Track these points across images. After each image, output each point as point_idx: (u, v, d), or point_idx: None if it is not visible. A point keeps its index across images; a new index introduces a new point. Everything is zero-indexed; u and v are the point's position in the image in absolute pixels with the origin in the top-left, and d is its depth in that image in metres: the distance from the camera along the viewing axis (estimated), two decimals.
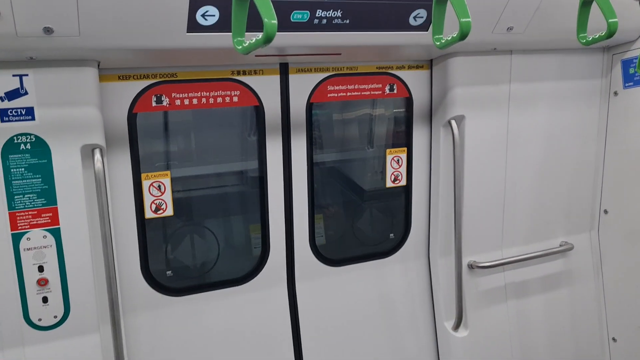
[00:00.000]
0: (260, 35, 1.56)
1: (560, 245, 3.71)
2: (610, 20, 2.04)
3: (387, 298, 3.47)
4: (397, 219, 3.54)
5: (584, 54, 3.44)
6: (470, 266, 3.45)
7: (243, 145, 3.32)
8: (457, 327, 3.39)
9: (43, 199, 2.43)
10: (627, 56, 3.43)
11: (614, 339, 3.83)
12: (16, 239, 2.42)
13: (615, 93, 3.52)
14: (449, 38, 1.92)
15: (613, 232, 3.72)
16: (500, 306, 3.59)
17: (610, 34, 2.08)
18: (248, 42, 1.65)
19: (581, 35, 2.20)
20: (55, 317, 2.55)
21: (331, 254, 3.33)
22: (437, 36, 1.98)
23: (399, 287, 3.52)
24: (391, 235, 3.55)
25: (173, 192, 2.87)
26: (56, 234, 2.48)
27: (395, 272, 3.51)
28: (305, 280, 3.28)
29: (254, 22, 1.73)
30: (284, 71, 2.98)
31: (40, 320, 2.53)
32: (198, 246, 3.27)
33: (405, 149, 3.39)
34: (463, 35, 1.82)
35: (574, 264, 3.79)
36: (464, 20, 1.79)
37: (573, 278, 3.80)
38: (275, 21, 1.51)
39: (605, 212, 3.73)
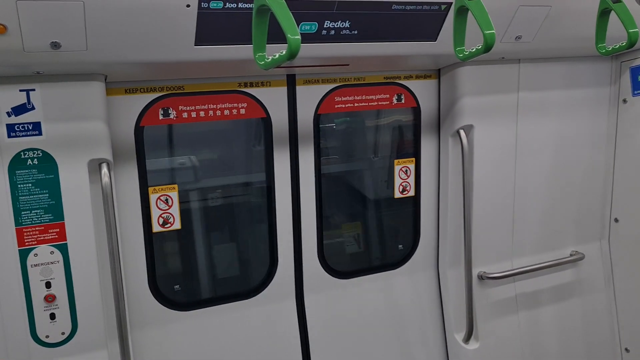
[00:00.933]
0: (284, 51, 1.52)
1: (571, 255, 3.67)
2: (630, 30, 2.00)
3: (396, 310, 3.43)
4: (406, 230, 3.51)
5: (593, 62, 3.42)
6: (481, 277, 3.41)
7: (250, 157, 3.30)
8: (467, 339, 3.35)
9: (50, 215, 2.41)
10: (635, 64, 3.40)
11: (626, 350, 3.78)
12: (23, 255, 2.39)
13: (625, 101, 3.49)
14: (473, 50, 1.88)
15: (624, 240, 3.68)
16: (511, 317, 3.54)
17: (631, 44, 2.05)
18: (271, 57, 1.61)
19: (600, 45, 2.16)
20: (63, 333, 2.52)
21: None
22: (459, 48, 1.94)
23: (408, 299, 3.48)
24: (400, 246, 3.51)
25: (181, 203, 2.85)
26: (63, 249, 2.45)
27: (405, 283, 3.48)
28: (313, 293, 3.24)
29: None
30: (291, 83, 2.96)
31: (47, 337, 2.49)
32: (206, 259, 3.25)
33: (414, 159, 3.37)
34: (488, 47, 1.78)
35: (585, 273, 3.74)
36: (488, 32, 1.75)
37: (584, 288, 3.76)
38: (298, 36, 1.47)
39: (616, 220, 3.70)
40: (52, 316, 2.48)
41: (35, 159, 2.35)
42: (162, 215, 2.81)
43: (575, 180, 3.60)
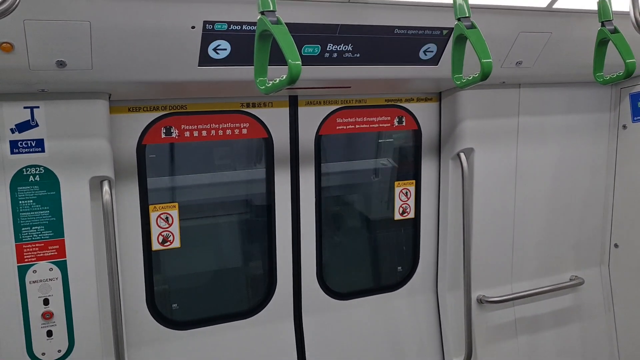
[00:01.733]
0: (284, 76, 1.54)
1: (571, 280, 3.66)
2: (628, 61, 2.03)
3: (395, 333, 3.41)
4: (405, 252, 3.51)
5: (593, 88, 3.45)
6: (480, 301, 3.40)
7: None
8: None
9: (50, 231, 2.41)
10: (635, 90, 3.43)
11: None
12: (22, 271, 2.39)
13: (624, 127, 3.51)
14: (470, 78, 1.91)
15: (624, 266, 3.68)
16: (510, 342, 3.52)
17: (628, 73, 2.07)
18: (271, 82, 1.63)
19: (598, 74, 2.19)
20: (59, 351, 2.51)
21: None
22: (457, 75, 1.96)
23: (406, 322, 3.46)
24: (399, 268, 3.51)
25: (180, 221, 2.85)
26: (62, 266, 2.45)
27: (403, 306, 3.46)
28: (312, 314, 3.23)
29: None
30: (293, 103, 2.98)
31: (43, 354, 2.48)
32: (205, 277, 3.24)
33: (414, 181, 3.37)
34: (484, 76, 1.80)
35: (585, 298, 3.73)
36: (485, 60, 1.77)
37: (584, 313, 3.74)
38: (299, 62, 1.49)
39: (616, 246, 3.69)
40: (49, 333, 2.47)
41: (37, 176, 2.36)
42: (162, 234, 2.82)
43: (575, 205, 3.60)
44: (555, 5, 2.51)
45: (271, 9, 1.57)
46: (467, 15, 1.83)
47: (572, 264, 3.70)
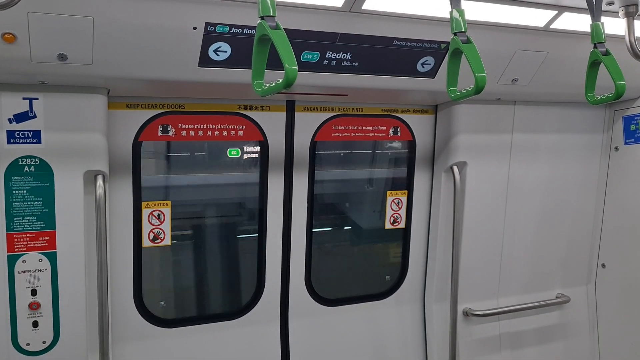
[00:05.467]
0: (280, 79, 1.57)
1: (557, 297, 3.69)
2: (618, 83, 2.08)
3: (380, 341, 3.43)
4: (394, 261, 3.53)
5: (587, 109, 3.49)
6: (466, 313, 3.42)
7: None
8: None
9: (42, 222, 2.42)
10: (628, 113, 3.47)
11: None
12: (12, 260, 2.40)
13: (616, 148, 3.55)
14: (464, 91, 1.94)
15: (610, 286, 3.71)
16: (494, 356, 3.54)
17: (618, 95, 2.12)
18: (268, 85, 1.67)
19: (589, 94, 2.23)
20: (44, 342, 2.51)
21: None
22: (451, 88, 2.00)
23: (392, 331, 3.47)
24: (387, 277, 3.53)
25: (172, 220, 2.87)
26: (52, 258, 2.46)
27: (390, 315, 3.48)
28: (298, 318, 3.24)
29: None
30: (290, 108, 3.01)
31: (28, 345, 2.48)
32: (193, 276, 3.25)
33: (406, 191, 3.40)
34: (478, 90, 1.84)
35: (570, 316, 3.76)
36: (479, 75, 1.81)
37: (568, 331, 3.77)
38: (295, 67, 1.52)
39: (603, 266, 3.72)
40: (35, 324, 2.47)
41: (32, 167, 2.37)
42: (153, 231, 2.83)
43: (564, 223, 3.63)
44: (553, 26, 2.55)
45: (271, 14, 1.60)
46: (463, 30, 1.86)
47: (559, 281, 3.73)
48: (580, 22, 2.52)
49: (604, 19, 2.16)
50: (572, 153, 3.54)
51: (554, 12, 2.44)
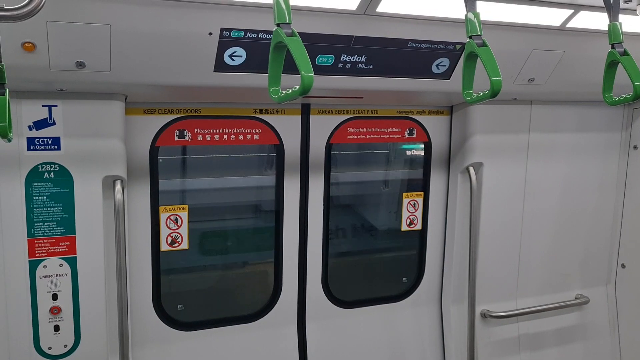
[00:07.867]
0: (296, 86, 1.58)
1: (576, 298, 3.65)
2: (636, 83, 2.05)
3: (397, 343, 3.42)
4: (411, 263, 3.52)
5: (604, 108, 3.45)
6: (484, 315, 3.39)
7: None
8: None
9: (62, 228, 2.45)
10: None
11: None
12: (33, 266, 2.44)
13: (635, 147, 3.51)
14: (480, 94, 1.93)
15: (630, 286, 3.66)
16: (513, 358, 3.51)
17: (636, 96, 2.09)
18: (284, 92, 1.67)
19: (607, 95, 2.21)
20: (65, 346, 2.55)
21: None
22: (467, 91, 1.99)
23: (409, 333, 3.46)
24: (404, 279, 3.52)
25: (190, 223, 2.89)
26: (72, 262, 2.49)
27: (407, 317, 3.47)
28: (316, 321, 3.25)
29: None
30: (305, 111, 3.02)
31: (50, 348, 2.52)
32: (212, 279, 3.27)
33: (422, 193, 3.39)
34: (494, 94, 1.83)
35: (590, 317, 3.71)
36: (495, 78, 1.80)
37: (588, 332, 3.72)
38: (312, 74, 1.53)
39: (623, 266, 3.68)
40: (56, 328, 2.51)
41: (52, 173, 2.40)
42: (171, 235, 2.85)
43: (582, 223, 3.60)
44: (569, 25, 2.53)
45: (287, 21, 1.61)
46: (479, 33, 1.85)
47: (578, 282, 3.69)
48: (597, 21, 2.50)
49: (621, 17, 2.14)
50: (590, 152, 3.51)
51: (570, 11, 2.42)
